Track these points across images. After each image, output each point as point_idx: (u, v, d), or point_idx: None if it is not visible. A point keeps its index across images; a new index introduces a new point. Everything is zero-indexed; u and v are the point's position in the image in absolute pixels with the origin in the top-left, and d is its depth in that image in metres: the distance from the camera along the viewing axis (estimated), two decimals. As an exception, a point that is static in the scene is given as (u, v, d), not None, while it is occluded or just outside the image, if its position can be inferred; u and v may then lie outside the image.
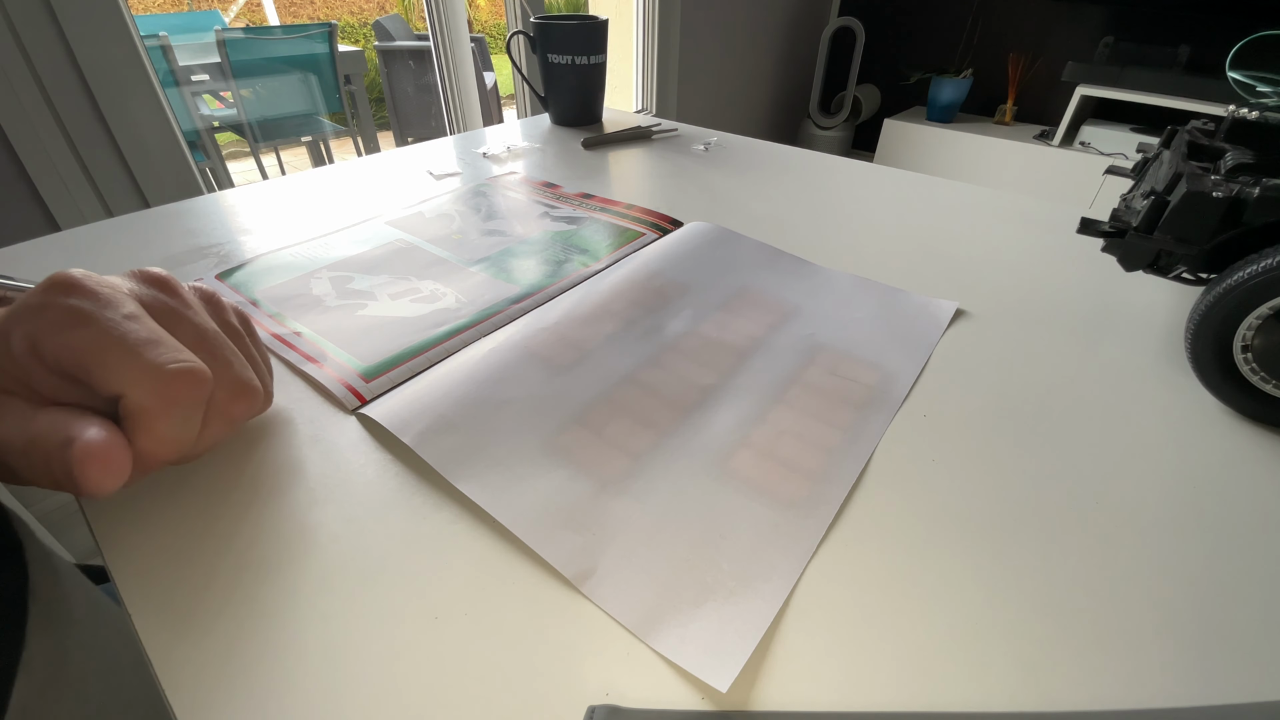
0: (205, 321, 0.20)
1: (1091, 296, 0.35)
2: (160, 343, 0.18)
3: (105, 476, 0.16)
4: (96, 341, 0.17)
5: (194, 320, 0.20)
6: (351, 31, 4.49)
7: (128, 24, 0.82)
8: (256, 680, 0.16)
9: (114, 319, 0.17)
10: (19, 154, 0.78)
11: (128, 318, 0.17)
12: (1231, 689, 0.16)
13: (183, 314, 0.20)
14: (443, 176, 0.52)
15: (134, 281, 0.20)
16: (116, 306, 0.17)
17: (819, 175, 0.54)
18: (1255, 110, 0.30)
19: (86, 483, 0.16)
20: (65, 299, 0.17)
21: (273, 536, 0.20)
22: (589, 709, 0.15)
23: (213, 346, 0.20)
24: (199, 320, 0.20)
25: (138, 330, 0.17)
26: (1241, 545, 0.20)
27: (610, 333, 0.30)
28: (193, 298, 0.21)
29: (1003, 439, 0.25)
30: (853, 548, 0.20)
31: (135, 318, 0.18)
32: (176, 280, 0.21)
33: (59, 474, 0.16)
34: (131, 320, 0.17)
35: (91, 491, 0.16)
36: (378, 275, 0.36)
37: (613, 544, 0.20)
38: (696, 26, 1.77)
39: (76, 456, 0.16)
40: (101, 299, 0.17)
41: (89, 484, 0.16)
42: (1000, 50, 2.08)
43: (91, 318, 0.17)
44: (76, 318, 0.17)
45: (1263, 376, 0.25)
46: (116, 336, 0.17)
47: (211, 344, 0.20)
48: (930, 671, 0.17)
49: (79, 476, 0.16)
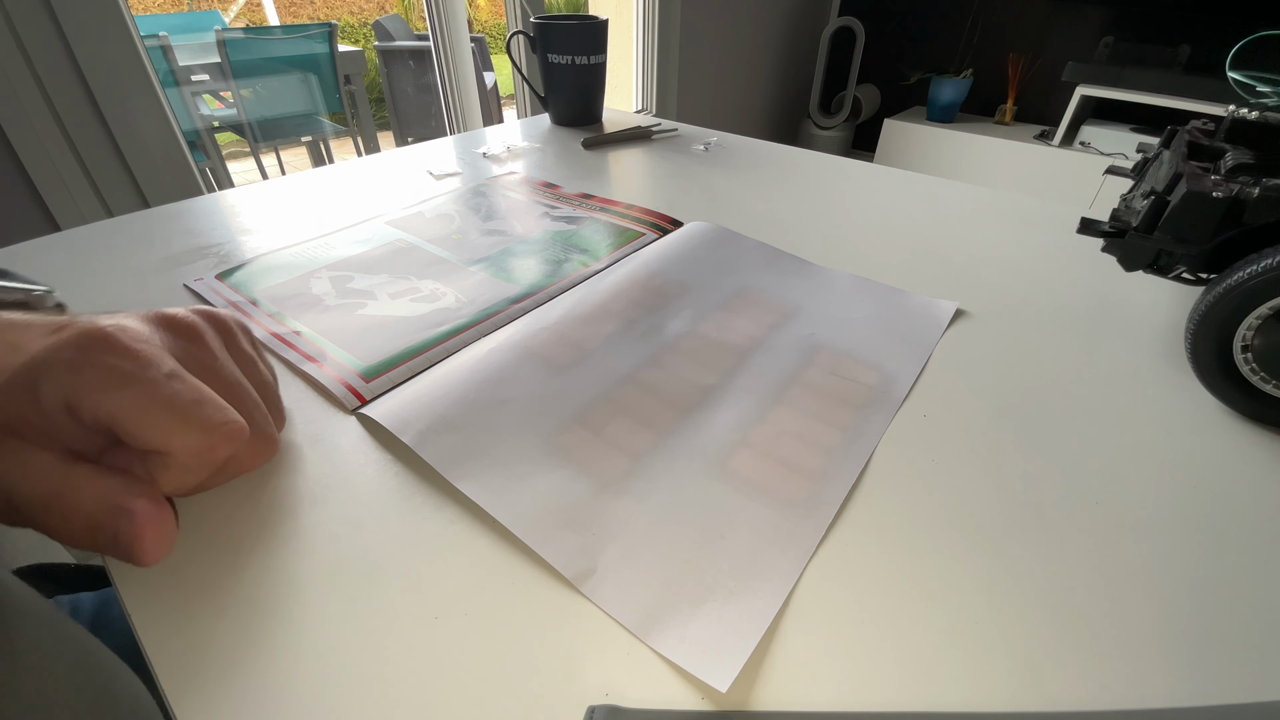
0: (232, 372, 0.21)
1: (1091, 296, 0.35)
2: (204, 402, 0.18)
3: (160, 546, 0.17)
4: (142, 404, 0.17)
5: (222, 374, 0.20)
6: (351, 31, 4.49)
7: (128, 24, 0.82)
8: (256, 680, 0.16)
9: (157, 379, 0.17)
10: (19, 154, 0.78)
11: (170, 377, 0.17)
12: (1231, 689, 0.16)
13: (210, 366, 0.20)
14: (443, 176, 0.52)
15: (163, 331, 0.20)
16: (157, 366, 0.17)
17: (819, 175, 0.54)
18: (1255, 110, 0.30)
19: (143, 555, 0.16)
20: (104, 357, 0.17)
21: (273, 536, 0.20)
22: (589, 709, 0.15)
23: (239, 399, 0.20)
24: (227, 374, 0.20)
25: (183, 391, 0.17)
26: (1241, 545, 0.20)
27: (610, 332, 0.30)
28: (217, 343, 0.21)
29: (1003, 439, 0.25)
30: (853, 548, 0.20)
31: (177, 376, 0.18)
32: (201, 324, 0.21)
33: (103, 540, 0.16)
34: (175, 380, 0.18)
35: (146, 561, 0.16)
36: (377, 275, 0.36)
37: (613, 544, 0.20)
38: (696, 26, 1.77)
39: (136, 529, 0.16)
40: (141, 358, 0.17)
41: (145, 556, 0.16)
42: (1000, 50, 2.08)
43: (135, 379, 0.17)
44: (120, 379, 0.17)
45: (1263, 376, 0.25)
46: (164, 399, 0.17)
47: (239, 397, 0.20)
48: (930, 671, 0.17)
49: (135, 549, 0.16)
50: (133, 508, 0.16)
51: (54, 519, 0.16)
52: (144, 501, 0.17)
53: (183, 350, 0.19)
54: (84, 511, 0.16)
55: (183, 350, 0.19)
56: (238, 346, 0.22)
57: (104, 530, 0.16)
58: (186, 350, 0.20)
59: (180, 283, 0.35)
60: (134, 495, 0.17)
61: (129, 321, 0.19)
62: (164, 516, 0.17)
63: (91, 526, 0.16)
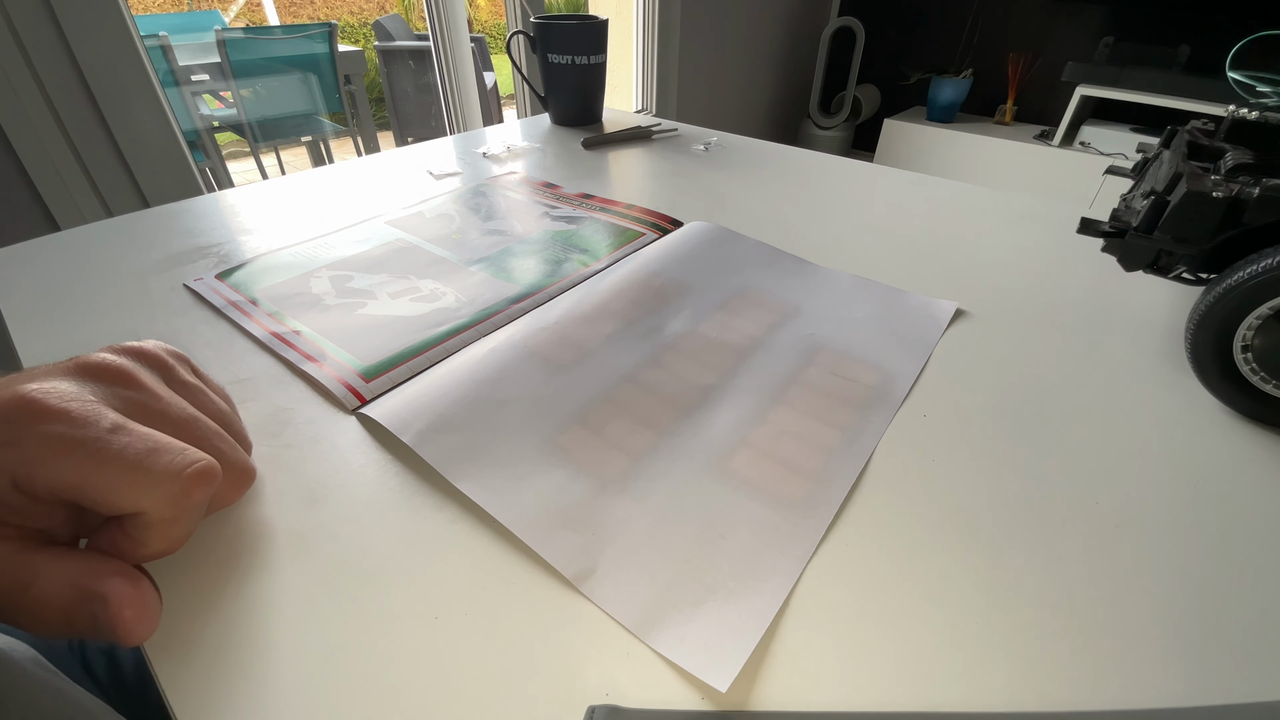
0: (181, 409, 0.19)
1: (1091, 296, 0.35)
2: (160, 449, 0.16)
3: (144, 627, 0.15)
4: (92, 468, 0.15)
5: (171, 414, 0.18)
6: (351, 31, 4.49)
7: (128, 24, 0.82)
8: (256, 680, 0.16)
9: (99, 437, 0.15)
10: (19, 154, 0.78)
11: (113, 431, 0.16)
12: (1231, 689, 0.16)
13: (155, 409, 0.18)
14: (443, 176, 0.52)
15: (91, 382, 0.18)
16: (95, 423, 0.16)
17: (819, 175, 0.54)
18: (1255, 110, 0.30)
19: (129, 637, 0.15)
20: (38, 427, 0.15)
21: (273, 536, 0.20)
22: (589, 709, 0.15)
23: (196, 435, 0.18)
24: (175, 412, 0.19)
25: (132, 443, 0.16)
26: (1241, 545, 0.20)
27: (610, 332, 0.30)
28: (151, 380, 0.19)
29: (1003, 439, 0.25)
30: (853, 548, 0.20)
31: (122, 429, 0.16)
32: (129, 365, 0.19)
33: (82, 626, 0.15)
34: (120, 433, 0.16)
35: (133, 643, 0.15)
36: (377, 274, 0.36)
37: (612, 544, 0.20)
38: (696, 26, 1.77)
39: (114, 614, 0.15)
40: (76, 419, 0.16)
41: (130, 638, 0.15)
42: (1000, 50, 2.08)
43: (77, 443, 0.15)
44: (60, 447, 0.15)
45: (1263, 376, 0.25)
46: (113, 457, 0.15)
47: (194, 432, 0.19)
48: (930, 671, 0.17)
49: (119, 632, 0.15)
50: (105, 592, 0.15)
51: (24, 614, 0.15)
52: (117, 581, 0.15)
53: (118, 398, 0.18)
54: (54, 602, 0.15)
55: (118, 398, 0.18)
56: (178, 379, 0.20)
57: (80, 617, 0.15)
58: (122, 397, 0.18)
59: (180, 283, 0.35)
60: (104, 577, 0.15)
61: (50, 380, 0.17)
62: (141, 593, 0.15)
63: (66, 616, 0.15)
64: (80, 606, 0.15)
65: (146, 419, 0.17)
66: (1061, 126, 1.87)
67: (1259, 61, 1.21)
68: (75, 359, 0.18)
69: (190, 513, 0.17)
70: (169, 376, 0.20)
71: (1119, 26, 1.88)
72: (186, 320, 0.32)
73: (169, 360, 0.21)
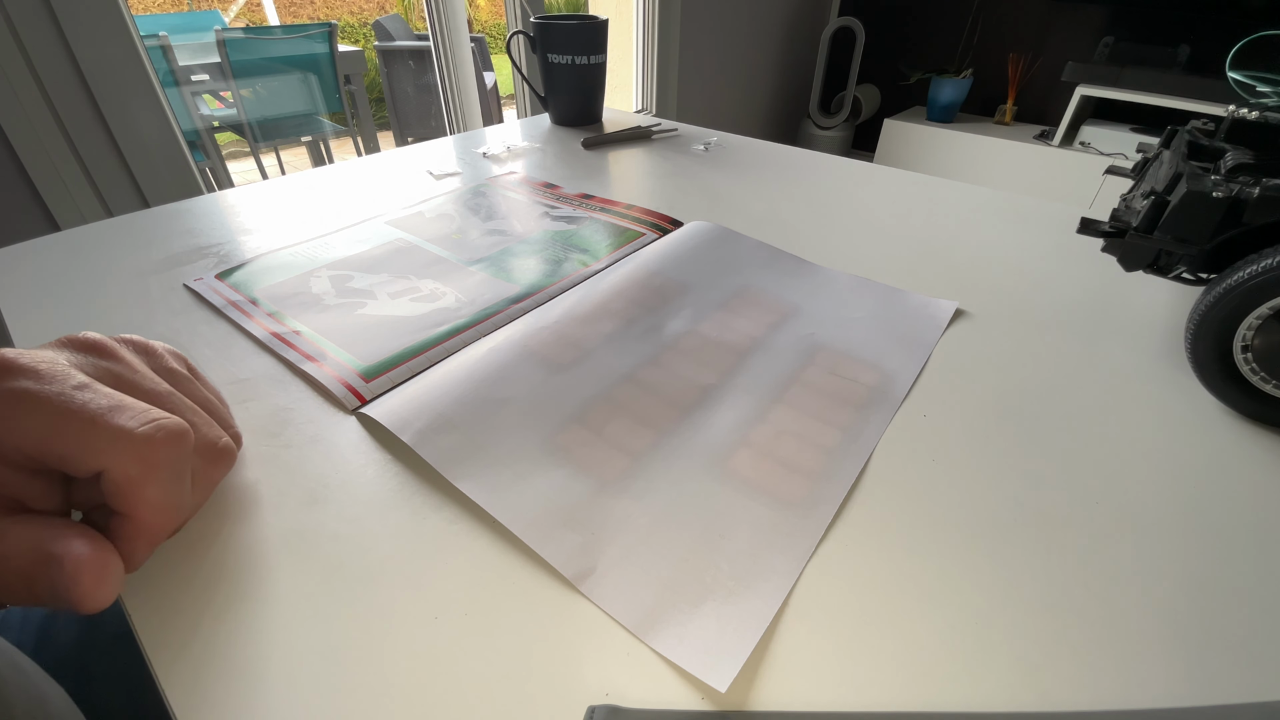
0: (155, 383, 0.19)
1: (1091, 296, 0.35)
2: (124, 407, 0.16)
3: (100, 590, 0.15)
4: (56, 421, 0.15)
5: (143, 384, 0.18)
6: (351, 31, 4.49)
7: (128, 24, 0.82)
8: (256, 680, 0.16)
9: (65, 392, 0.15)
10: (19, 154, 0.78)
11: (79, 388, 0.16)
12: (1231, 689, 0.16)
13: (129, 378, 0.18)
14: (443, 176, 0.52)
15: (69, 350, 0.18)
16: (63, 380, 0.16)
17: (819, 175, 0.54)
18: (1255, 110, 0.30)
19: (82, 601, 0.15)
20: (3, 384, 0.15)
21: (273, 536, 0.20)
22: (589, 709, 0.15)
23: (170, 407, 0.18)
24: (149, 384, 0.18)
25: (95, 399, 0.16)
26: (1241, 545, 0.20)
27: (610, 332, 0.30)
28: (131, 356, 0.19)
29: (1003, 439, 0.25)
30: (852, 548, 0.20)
31: (87, 386, 0.16)
32: (112, 342, 0.19)
33: (42, 593, 0.15)
34: (84, 390, 0.16)
35: (88, 608, 0.15)
36: (377, 274, 0.36)
37: (612, 544, 0.20)
38: (696, 26, 1.77)
39: (69, 576, 0.14)
40: (43, 374, 0.16)
41: (85, 601, 0.15)
42: (1000, 50, 2.08)
43: (41, 397, 0.15)
44: (25, 400, 0.15)
45: (1263, 376, 0.25)
46: (76, 410, 0.15)
47: (167, 405, 0.18)
48: (930, 671, 0.17)
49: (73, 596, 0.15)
50: (61, 553, 0.15)
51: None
52: (77, 543, 0.15)
53: (93, 366, 0.18)
54: (14, 566, 0.15)
55: (93, 366, 0.18)
56: (164, 366, 0.20)
57: (39, 582, 0.15)
58: (97, 365, 0.18)
59: (180, 282, 0.35)
60: (64, 539, 0.15)
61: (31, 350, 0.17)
62: (100, 555, 0.15)
63: (26, 580, 0.15)
64: (39, 570, 0.15)
65: (118, 387, 0.17)
66: (1061, 126, 1.87)
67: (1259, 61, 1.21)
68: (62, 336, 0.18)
69: (158, 473, 0.16)
70: (154, 362, 0.20)
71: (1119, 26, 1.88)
72: (186, 320, 0.32)
73: (157, 349, 0.21)
